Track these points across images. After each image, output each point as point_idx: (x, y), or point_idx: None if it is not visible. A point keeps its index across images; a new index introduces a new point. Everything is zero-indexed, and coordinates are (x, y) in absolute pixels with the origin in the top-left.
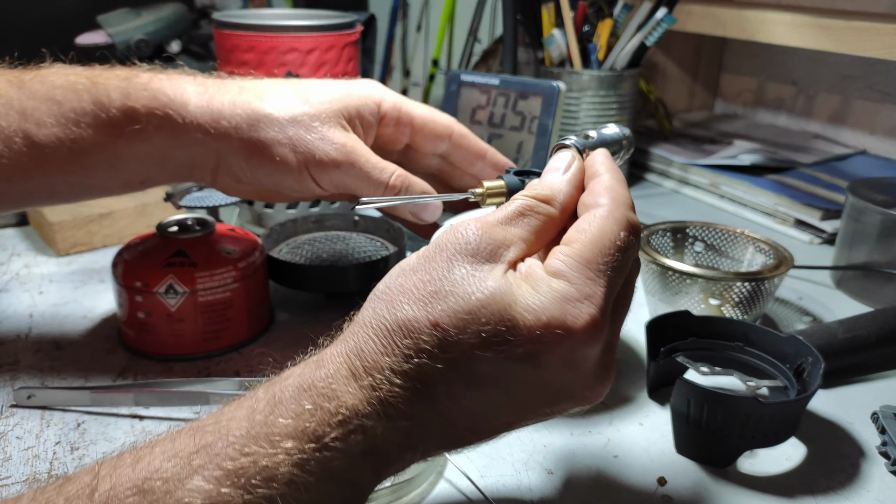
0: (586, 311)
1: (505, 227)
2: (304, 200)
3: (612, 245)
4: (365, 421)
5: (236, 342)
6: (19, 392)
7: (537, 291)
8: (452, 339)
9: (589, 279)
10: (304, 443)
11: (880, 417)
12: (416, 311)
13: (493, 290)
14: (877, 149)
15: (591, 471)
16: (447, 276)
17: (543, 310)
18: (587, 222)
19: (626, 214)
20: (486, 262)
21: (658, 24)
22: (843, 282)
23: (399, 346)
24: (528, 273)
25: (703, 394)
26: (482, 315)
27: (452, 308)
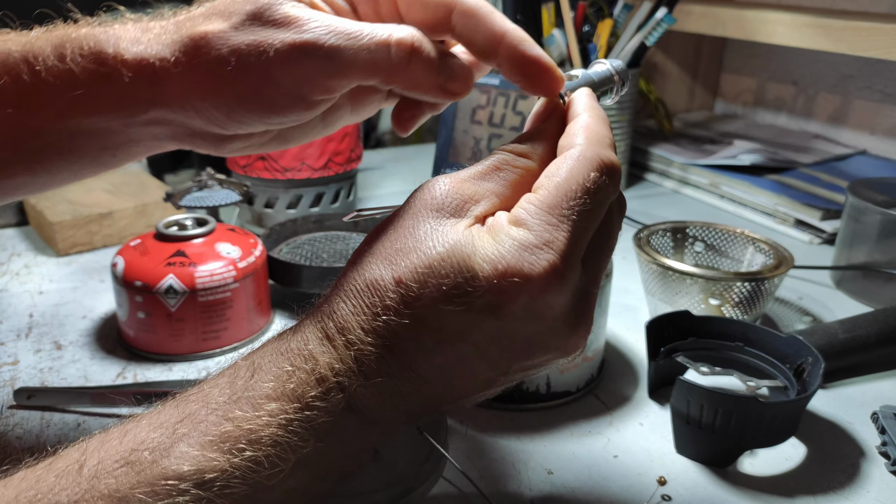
0: (544, 258)
1: (477, 181)
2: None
3: (579, 187)
4: (342, 379)
5: (236, 342)
6: (19, 392)
7: (496, 241)
8: (415, 294)
9: (550, 224)
10: (286, 403)
11: (880, 417)
12: (381, 270)
13: (453, 243)
14: (877, 149)
15: (591, 471)
16: (412, 232)
17: (500, 258)
18: (556, 166)
19: (600, 153)
20: (451, 217)
21: (658, 24)
22: (843, 282)
23: (367, 304)
24: (491, 225)
25: (703, 394)
26: (442, 268)
27: (414, 263)
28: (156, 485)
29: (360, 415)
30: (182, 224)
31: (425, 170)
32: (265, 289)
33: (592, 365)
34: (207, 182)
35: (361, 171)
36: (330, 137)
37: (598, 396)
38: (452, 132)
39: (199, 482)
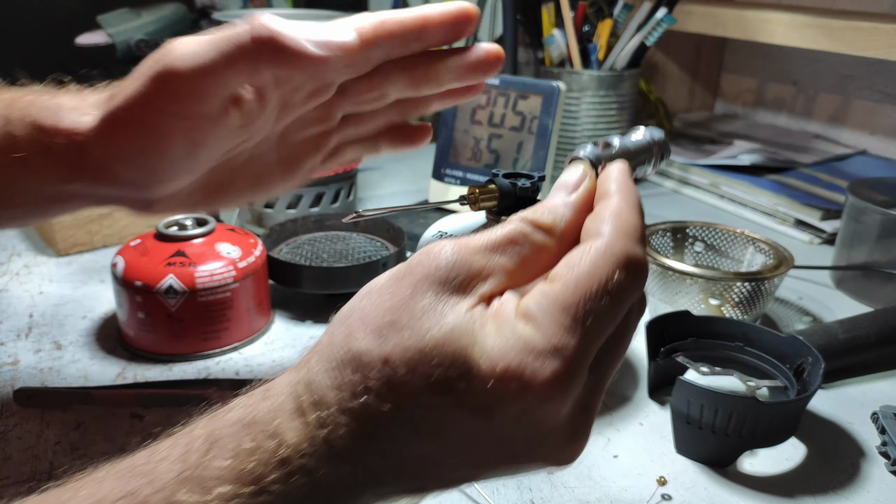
0: (550, 366)
1: (488, 254)
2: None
3: (600, 287)
4: (308, 461)
5: (236, 342)
6: (19, 392)
7: (500, 334)
8: (400, 379)
9: (563, 327)
10: (241, 486)
11: (880, 417)
12: (369, 343)
13: (451, 328)
14: (877, 149)
15: (591, 471)
16: (408, 304)
17: (501, 357)
18: (579, 256)
19: (628, 249)
20: (454, 294)
21: (658, 24)
22: (843, 282)
23: (348, 381)
24: (497, 311)
25: (703, 394)
26: (435, 355)
27: (406, 343)
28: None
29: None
30: (182, 224)
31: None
32: (265, 289)
33: None
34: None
35: (361, 171)
36: None
37: None
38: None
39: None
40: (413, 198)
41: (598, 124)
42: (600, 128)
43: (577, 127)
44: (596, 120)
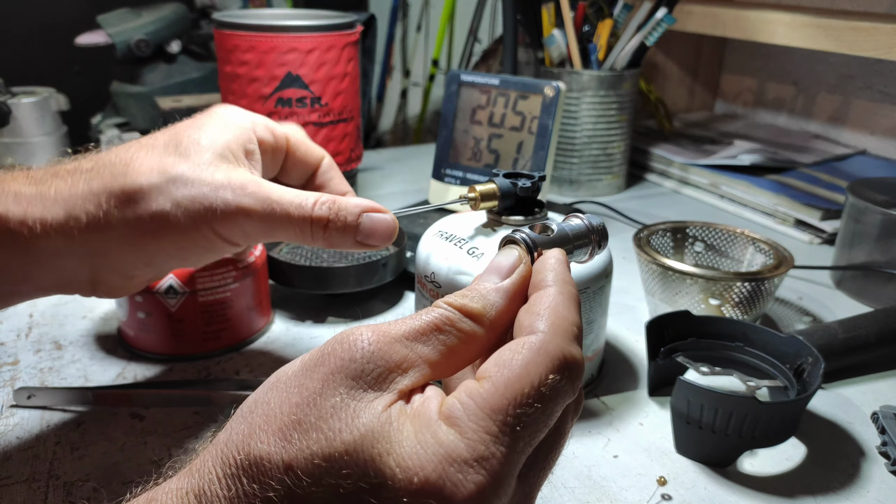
0: (472, 479)
1: (410, 343)
2: (214, 260)
3: (533, 390)
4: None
5: (236, 342)
6: (19, 392)
7: (419, 440)
8: (303, 490)
9: (489, 434)
10: None
11: (880, 417)
12: (271, 447)
13: (364, 431)
14: (877, 149)
15: (591, 471)
16: (317, 402)
17: (419, 468)
18: (510, 354)
19: (563, 349)
20: (370, 390)
21: (658, 24)
22: (843, 282)
23: (245, 491)
24: (417, 410)
25: (703, 394)
26: (344, 464)
27: (312, 448)
28: None
29: None
30: None
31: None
32: (265, 289)
33: (592, 365)
34: None
35: (361, 171)
36: (330, 137)
37: (598, 396)
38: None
39: None
40: (413, 198)
41: (598, 124)
42: (600, 128)
43: (577, 127)
44: (596, 120)
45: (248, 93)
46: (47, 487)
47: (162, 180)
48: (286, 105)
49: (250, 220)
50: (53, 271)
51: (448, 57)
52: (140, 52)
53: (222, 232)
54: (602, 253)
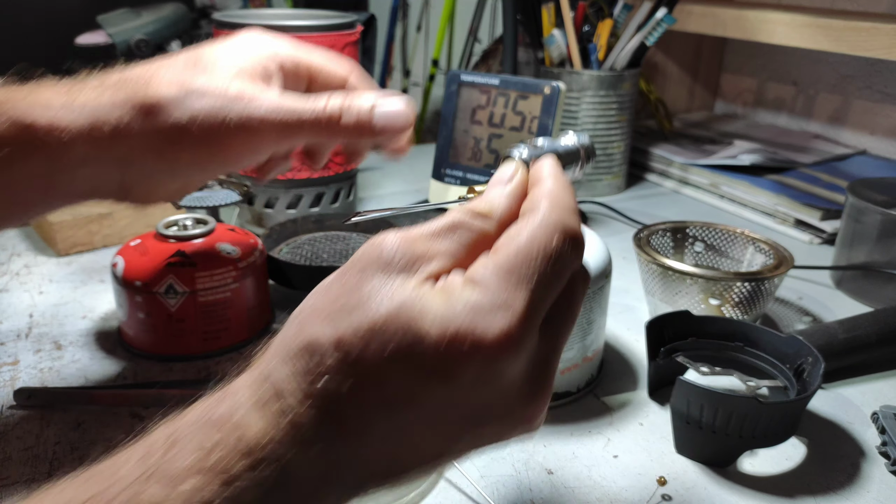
0: (499, 322)
1: (429, 240)
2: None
3: (540, 252)
4: (274, 450)
5: (236, 342)
6: (19, 392)
7: (447, 302)
8: (356, 355)
9: (508, 287)
10: (207, 479)
11: (880, 417)
12: (321, 329)
13: (400, 302)
14: (877, 149)
15: (591, 471)
16: (356, 289)
17: (451, 320)
18: (517, 229)
19: (564, 220)
20: (400, 274)
21: (658, 24)
22: (843, 282)
23: (305, 367)
24: (444, 285)
25: (703, 394)
26: (387, 329)
27: (357, 323)
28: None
29: (295, 489)
30: (182, 224)
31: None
32: (265, 289)
33: (592, 365)
34: (207, 182)
35: (361, 171)
36: None
37: (598, 396)
38: (452, 132)
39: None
40: (413, 198)
41: (598, 124)
42: (600, 128)
43: (577, 127)
44: (596, 120)
45: None
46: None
47: (180, 93)
48: None
49: (264, 128)
50: (84, 179)
51: (448, 57)
52: (140, 52)
53: (238, 141)
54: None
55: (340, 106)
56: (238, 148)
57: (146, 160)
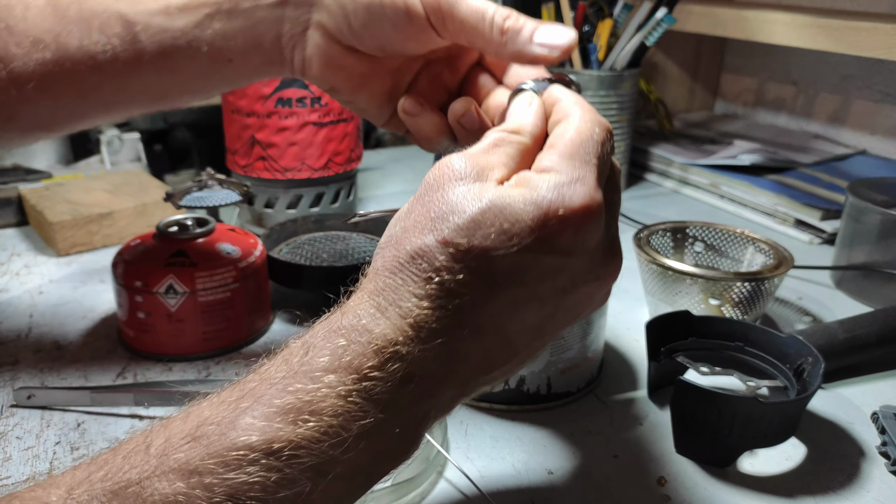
0: (581, 190)
1: (485, 154)
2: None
3: (591, 139)
4: (399, 347)
5: (236, 342)
6: (19, 392)
7: (531, 187)
8: (464, 248)
9: (577, 165)
10: (343, 375)
11: (880, 417)
12: (423, 238)
13: (490, 199)
14: (877, 149)
15: (591, 471)
16: (443, 200)
17: (542, 199)
18: (563, 127)
19: (596, 116)
20: (476, 181)
21: (658, 24)
22: (843, 282)
23: (416, 272)
24: (519, 179)
25: (703, 394)
26: (486, 220)
27: (456, 223)
28: (226, 456)
29: (418, 383)
30: (182, 224)
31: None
32: (265, 289)
33: (592, 365)
34: (207, 182)
35: (361, 171)
36: (330, 137)
37: (598, 396)
38: None
39: (268, 451)
40: None
41: None
42: None
43: None
44: None
45: (248, 93)
46: None
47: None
48: (286, 105)
49: (453, 15)
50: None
51: None
52: None
53: (436, 20)
54: None
55: (508, 10)
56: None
57: (358, 15)
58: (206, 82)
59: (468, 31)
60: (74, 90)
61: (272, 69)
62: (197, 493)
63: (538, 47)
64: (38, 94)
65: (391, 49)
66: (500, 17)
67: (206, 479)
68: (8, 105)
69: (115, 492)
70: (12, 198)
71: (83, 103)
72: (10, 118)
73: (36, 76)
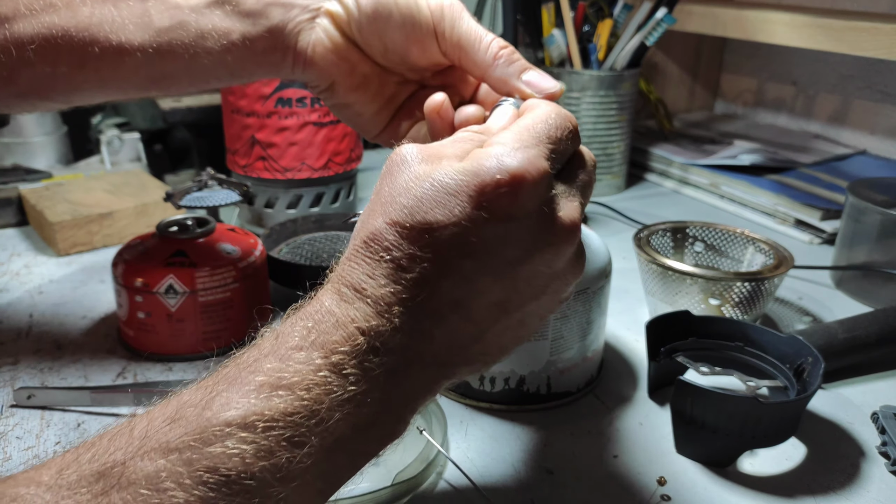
0: (518, 155)
1: (441, 146)
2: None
3: (544, 122)
4: (361, 324)
5: (236, 342)
6: (19, 392)
7: (472, 160)
8: (409, 226)
9: (524, 139)
10: (312, 352)
11: (880, 417)
12: (373, 222)
13: (433, 177)
14: (877, 149)
15: (591, 471)
16: (393, 184)
17: (479, 167)
18: (524, 115)
19: (561, 109)
20: (425, 163)
21: (658, 24)
22: (843, 282)
23: (370, 255)
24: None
25: (703, 394)
26: (428, 196)
27: (402, 203)
28: (204, 432)
29: (385, 359)
30: (182, 224)
31: None
32: (265, 289)
33: (592, 365)
34: (207, 182)
35: (361, 171)
36: (330, 137)
37: (598, 396)
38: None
39: (244, 425)
40: None
41: (598, 124)
42: (600, 128)
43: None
44: (596, 120)
45: (247, 93)
46: None
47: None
48: (286, 105)
49: (450, 16)
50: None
51: None
52: None
53: (441, 32)
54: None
55: (507, 49)
56: (433, 35)
57: (363, 34)
58: (206, 68)
59: (464, 46)
60: (74, 60)
61: (274, 56)
62: (178, 470)
63: (522, 84)
64: (38, 57)
65: (394, 51)
66: (497, 45)
67: (185, 454)
68: (7, 65)
69: (102, 472)
70: (12, 198)
71: (79, 74)
72: (9, 79)
73: (39, 38)
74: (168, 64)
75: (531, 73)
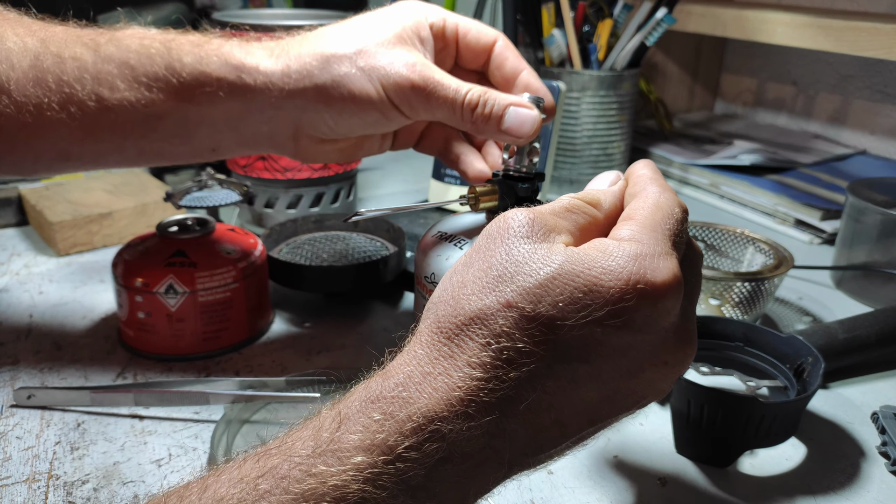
0: (664, 265)
1: (553, 216)
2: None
3: (671, 216)
4: (442, 425)
5: (236, 342)
6: (19, 392)
7: (611, 255)
8: (530, 313)
9: (659, 239)
10: (374, 456)
11: (880, 417)
12: (484, 300)
13: (561, 261)
14: (877, 149)
15: (591, 471)
16: (508, 258)
17: (622, 269)
18: (642, 200)
19: (675, 196)
20: (543, 242)
21: (658, 24)
22: (843, 282)
23: (474, 337)
24: (593, 244)
25: (703, 394)
26: (556, 286)
27: (522, 286)
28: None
29: (457, 465)
30: (182, 224)
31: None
32: (265, 289)
33: None
34: (207, 182)
35: (361, 171)
36: None
37: None
38: None
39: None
40: (413, 198)
41: (598, 124)
42: (600, 128)
43: (577, 127)
44: (596, 120)
45: None
46: (47, 487)
47: (351, 50)
48: None
49: (416, 94)
50: (267, 122)
51: None
52: None
53: (398, 102)
54: None
55: (479, 97)
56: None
57: (317, 108)
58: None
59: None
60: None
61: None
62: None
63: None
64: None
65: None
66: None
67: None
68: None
69: None
70: (12, 198)
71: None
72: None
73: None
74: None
75: (508, 118)
